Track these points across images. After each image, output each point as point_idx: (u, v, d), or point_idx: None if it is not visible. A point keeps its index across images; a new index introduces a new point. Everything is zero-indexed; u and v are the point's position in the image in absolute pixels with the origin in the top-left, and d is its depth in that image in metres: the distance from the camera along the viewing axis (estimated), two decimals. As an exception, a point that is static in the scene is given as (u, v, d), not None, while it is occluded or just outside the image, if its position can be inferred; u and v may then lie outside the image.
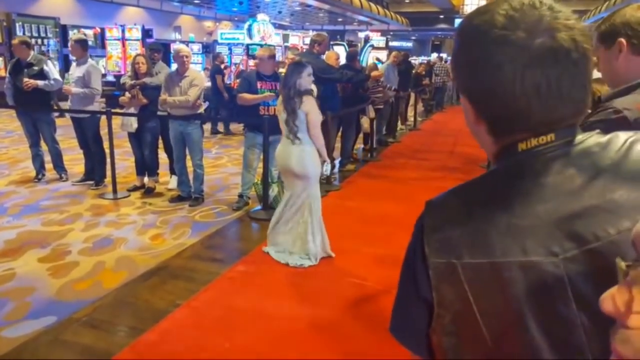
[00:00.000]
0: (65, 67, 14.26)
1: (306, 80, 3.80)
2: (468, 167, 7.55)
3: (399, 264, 3.09)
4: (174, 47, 8.45)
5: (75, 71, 5.76)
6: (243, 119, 5.42)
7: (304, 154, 3.81)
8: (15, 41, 5.98)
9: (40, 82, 5.73)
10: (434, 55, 22.19)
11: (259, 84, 5.05)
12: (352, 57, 7.49)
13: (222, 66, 10.71)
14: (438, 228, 0.72)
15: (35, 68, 5.83)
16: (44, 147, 6.17)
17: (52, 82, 5.83)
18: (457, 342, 0.71)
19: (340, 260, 3.94)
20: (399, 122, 10.94)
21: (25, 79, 5.68)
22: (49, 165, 6.25)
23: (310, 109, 3.77)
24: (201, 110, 5.53)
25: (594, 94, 2.06)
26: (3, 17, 14.12)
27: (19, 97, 5.80)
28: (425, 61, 17.06)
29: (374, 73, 7.44)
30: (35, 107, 5.94)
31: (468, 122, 0.77)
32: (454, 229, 0.70)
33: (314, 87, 5.15)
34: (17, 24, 14.26)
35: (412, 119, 12.09)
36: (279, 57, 12.53)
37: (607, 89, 1.88)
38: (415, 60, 17.95)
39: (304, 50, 6.45)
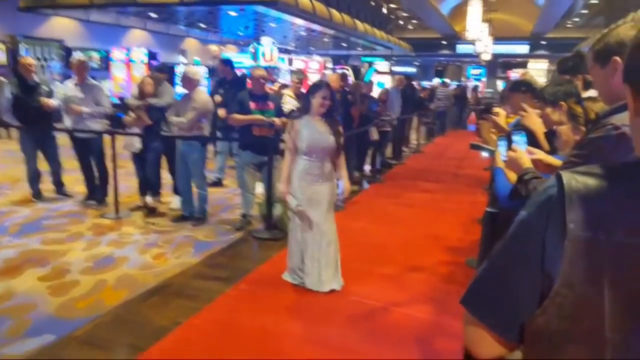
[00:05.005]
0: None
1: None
2: (471, 189, 7.52)
3: (401, 282, 3.11)
4: (182, 68, 8.51)
5: (77, 92, 5.72)
6: (239, 138, 5.40)
7: None
8: (25, 61, 5.93)
9: (55, 102, 5.76)
10: (436, 80, 22.40)
11: (252, 104, 5.03)
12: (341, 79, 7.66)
13: None
14: (585, 199, 0.69)
15: (45, 88, 5.87)
16: (41, 167, 6.14)
17: (101, 108, 5.82)
18: (569, 329, 0.67)
19: (343, 278, 3.88)
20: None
21: (44, 99, 5.70)
22: (43, 186, 6.19)
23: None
24: (204, 132, 5.47)
25: (589, 113, 2.10)
26: (8, 39, 14.30)
27: (25, 117, 5.79)
28: (428, 86, 17.26)
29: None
30: (46, 127, 5.93)
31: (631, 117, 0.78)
32: (604, 205, 0.68)
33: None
34: (21, 46, 14.42)
35: (415, 142, 12.13)
36: (285, 80, 12.67)
37: (601, 106, 1.93)
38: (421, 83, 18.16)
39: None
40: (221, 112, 6.11)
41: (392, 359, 2.85)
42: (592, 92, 2.78)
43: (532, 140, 2.52)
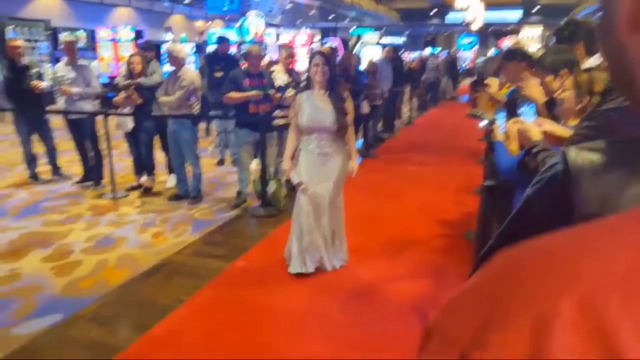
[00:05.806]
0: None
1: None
2: (464, 160, 7.59)
3: (399, 256, 3.22)
4: (167, 46, 8.42)
5: (68, 72, 5.75)
6: (235, 116, 5.42)
7: None
8: (12, 43, 5.91)
9: (44, 84, 5.78)
10: (427, 51, 22.22)
11: (247, 81, 5.05)
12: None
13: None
14: (590, 176, 0.68)
15: (34, 70, 5.86)
16: (36, 149, 6.19)
17: (91, 89, 5.87)
18: None
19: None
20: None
21: (34, 81, 5.73)
22: (40, 168, 6.26)
23: None
24: (193, 110, 5.48)
25: (595, 83, 2.03)
26: (-6, 21, 14.03)
27: (18, 99, 5.81)
28: (418, 57, 17.10)
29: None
30: (38, 109, 5.97)
31: None
32: (609, 182, 0.67)
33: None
34: (8, 28, 14.15)
35: (407, 114, 12.15)
36: (272, 56, 12.55)
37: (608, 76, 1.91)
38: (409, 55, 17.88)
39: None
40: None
41: (392, 334, 2.97)
42: (592, 61, 2.68)
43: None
